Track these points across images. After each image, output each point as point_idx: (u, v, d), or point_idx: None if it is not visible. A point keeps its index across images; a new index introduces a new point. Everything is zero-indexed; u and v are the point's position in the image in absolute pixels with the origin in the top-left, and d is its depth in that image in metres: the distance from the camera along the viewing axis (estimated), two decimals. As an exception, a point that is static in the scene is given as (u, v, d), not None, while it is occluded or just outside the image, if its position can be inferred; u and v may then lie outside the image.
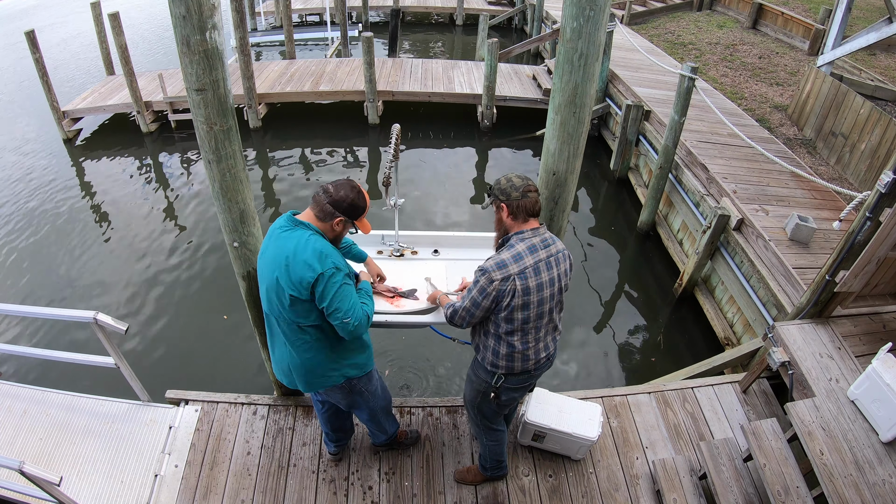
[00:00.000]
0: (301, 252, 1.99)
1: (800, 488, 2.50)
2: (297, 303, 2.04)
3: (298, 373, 2.26)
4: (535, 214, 2.13)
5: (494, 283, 2.05)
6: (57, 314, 2.77)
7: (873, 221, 2.88)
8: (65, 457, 2.85)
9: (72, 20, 15.64)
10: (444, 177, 7.81)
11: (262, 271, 2.13)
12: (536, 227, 2.13)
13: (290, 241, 2.02)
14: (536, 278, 2.08)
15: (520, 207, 2.09)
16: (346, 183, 2.11)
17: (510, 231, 2.15)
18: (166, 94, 8.28)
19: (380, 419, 2.70)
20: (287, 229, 2.06)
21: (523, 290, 2.06)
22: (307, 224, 2.07)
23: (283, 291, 2.03)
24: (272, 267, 2.05)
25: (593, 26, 1.94)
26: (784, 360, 3.11)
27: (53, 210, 7.00)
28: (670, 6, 13.30)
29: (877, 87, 7.65)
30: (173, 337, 5.01)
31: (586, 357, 4.87)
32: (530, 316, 2.12)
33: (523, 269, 2.06)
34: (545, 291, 2.11)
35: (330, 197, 2.05)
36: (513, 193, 2.09)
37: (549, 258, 2.12)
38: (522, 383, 2.34)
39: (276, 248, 2.05)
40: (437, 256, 3.13)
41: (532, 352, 2.23)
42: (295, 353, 2.19)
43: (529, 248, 2.09)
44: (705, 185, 5.51)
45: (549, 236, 2.16)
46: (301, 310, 2.06)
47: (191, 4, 1.84)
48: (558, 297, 2.20)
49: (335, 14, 12.27)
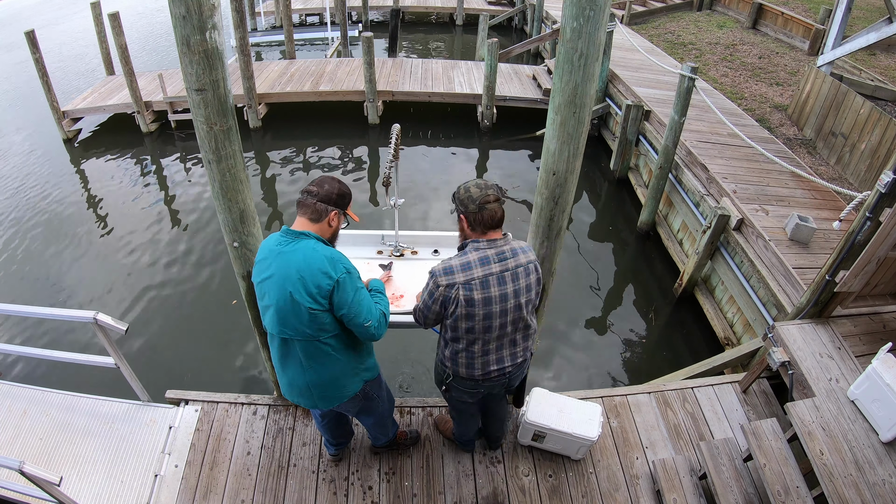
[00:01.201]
0: (313, 261, 1.95)
1: (800, 488, 2.50)
2: (315, 316, 1.99)
3: (319, 390, 2.19)
4: (494, 226, 2.07)
5: (440, 288, 2.05)
6: (57, 314, 2.77)
7: (873, 221, 2.88)
8: (65, 457, 2.85)
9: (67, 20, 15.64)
10: (444, 177, 7.81)
11: (269, 292, 2.03)
12: (494, 239, 2.07)
13: (297, 253, 1.97)
14: (483, 291, 2.03)
15: (476, 220, 2.04)
16: (323, 178, 2.10)
17: (468, 238, 2.13)
18: (166, 94, 8.28)
19: (385, 423, 2.71)
20: (289, 243, 2.00)
21: (467, 301, 2.02)
22: (306, 233, 2.02)
23: (301, 307, 1.96)
24: (282, 284, 1.97)
25: (593, 26, 1.94)
26: (784, 360, 3.11)
27: (53, 210, 7.00)
28: (670, 6, 13.30)
29: (877, 87, 7.65)
30: (173, 337, 5.01)
31: (586, 357, 4.87)
32: (475, 327, 2.08)
33: (469, 279, 2.02)
34: (494, 306, 2.05)
35: (317, 195, 2.03)
36: (470, 206, 2.03)
37: (504, 272, 2.05)
38: (470, 389, 2.31)
39: (283, 264, 1.98)
40: (437, 256, 3.13)
41: (478, 363, 2.19)
42: (315, 369, 2.13)
43: (481, 258, 2.04)
44: (705, 185, 5.51)
45: (508, 249, 2.08)
46: (321, 322, 2.01)
47: (191, 4, 1.84)
48: (516, 314, 2.11)
49: (335, 14, 12.28)
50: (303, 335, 2.04)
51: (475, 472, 2.97)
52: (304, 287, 1.94)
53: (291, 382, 2.21)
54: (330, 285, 1.95)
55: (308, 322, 2.00)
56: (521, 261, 2.09)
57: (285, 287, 1.96)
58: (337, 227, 2.12)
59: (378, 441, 2.89)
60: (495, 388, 2.35)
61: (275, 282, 2.00)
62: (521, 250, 2.11)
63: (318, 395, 2.21)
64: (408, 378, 4.51)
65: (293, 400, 2.29)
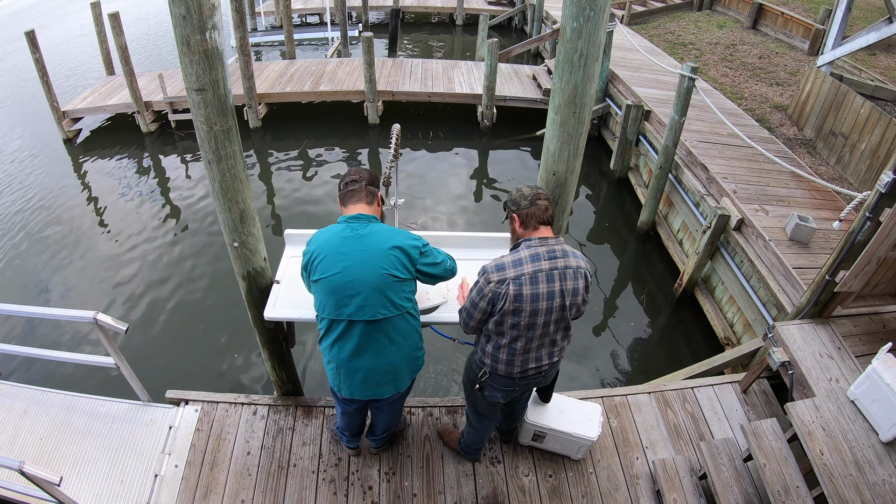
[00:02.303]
0: (398, 237, 2.12)
1: (800, 488, 2.50)
2: (406, 286, 2.14)
3: (407, 364, 2.28)
4: (545, 222, 2.11)
5: (491, 284, 2.06)
6: (57, 314, 2.77)
7: (873, 221, 2.88)
8: (65, 457, 2.85)
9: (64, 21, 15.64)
10: (445, 177, 7.81)
11: (355, 278, 2.06)
12: (545, 237, 2.10)
13: (380, 233, 2.11)
14: (532, 287, 2.04)
15: (529, 216, 2.10)
16: (355, 168, 2.27)
17: (520, 238, 2.16)
18: (166, 94, 8.28)
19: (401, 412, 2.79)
20: (361, 227, 2.12)
21: (515, 296, 2.03)
22: (373, 217, 2.17)
23: (396, 281, 2.09)
24: (371, 265, 2.06)
25: (593, 26, 1.94)
26: (784, 360, 3.11)
27: (53, 210, 7.00)
28: (670, 6, 13.30)
29: (877, 87, 7.65)
30: (173, 337, 5.01)
31: (586, 357, 4.87)
32: (520, 324, 2.09)
33: (520, 274, 2.03)
34: (541, 303, 2.06)
35: (365, 180, 2.19)
36: (522, 202, 2.11)
37: (553, 270, 2.06)
38: (505, 387, 2.32)
39: (368, 247, 2.08)
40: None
41: (518, 360, 2.20)
42: (402, 344, 2.21)
43: (532, 255, 2.06)
44: (705, 185, 5.51)
45: (559, 249, 2.10)
46: (408, 293, 2.17)
47: (191, 4, 1.84)
48: (559, 314, 2.12)
49: (335, 14, 12.27)
50: (396, 309, 2.14)
51: (475, 472, 2.97)
52: (400, 260, 2.09)
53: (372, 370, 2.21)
54: (418, 254, 2.13)
55: (402, 294, 2.14)
56: (572, 263, 2.11)
57: (381, 264, 2.07)
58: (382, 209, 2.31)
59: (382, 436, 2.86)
60: (529, 386, 2.40)
61: (361, 265, 2.07)
62: (572, 254, 2.13)
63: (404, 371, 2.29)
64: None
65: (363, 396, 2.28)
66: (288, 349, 3.13)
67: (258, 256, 2.65)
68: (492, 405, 2.48)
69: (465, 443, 2.91)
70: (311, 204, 7.06)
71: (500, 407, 2.55)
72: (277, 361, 3.13)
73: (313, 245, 2.16)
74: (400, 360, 2.25)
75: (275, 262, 2.84)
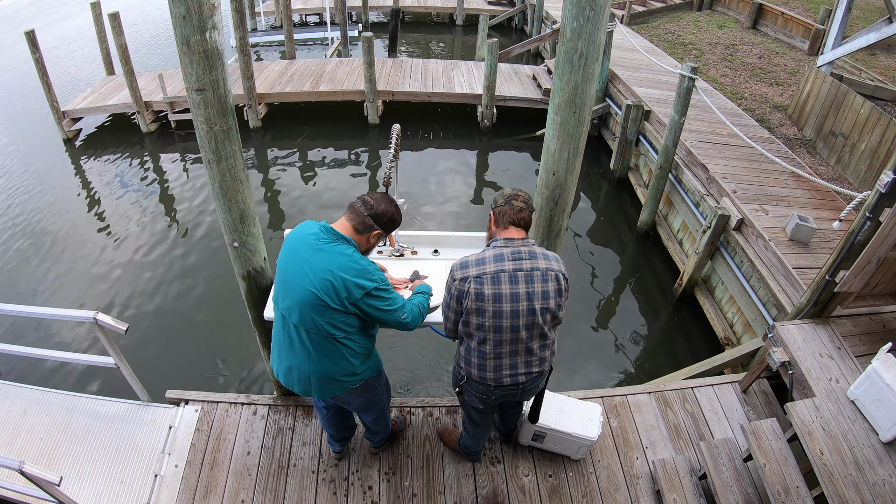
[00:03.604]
0: (348, 268, 1.99)
1: (800, 488, 2.50)
2: (337, 317, 2.03)
3: (320, 381, 2.21)
4: (516, 223, 2.09)
5: (455, 281, 2.08)
6: (57, 314, 2.77)
7: (873, 221, 2.87)
8: (65, 457, 2.85)
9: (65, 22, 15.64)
10: (444, 177, 7.81)
11: (291, 281, 2.06)
12: (512, 238, 2.08)
13: (334, 255, 2.00)
14: (494, 287, 2.02)
15: (501, 213, 2.10)
16: (385, 196, 2.12)
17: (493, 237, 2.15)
18: (166, 94, 8.28)
19: (386, 415, 2.72)
20: (328, 241, 2.03)
21: (476, 295, 2.03)
22: (348, 238, 2.05)
23: (325, 306, 2.00)
24: (308, 280, 2.00)
25: (593, 26, 1.94)
26: (784, 360, 3.11)
27: (53, 210, 7.00)
28: (670, 6, 13.30)
29: (877, 87, 7.65)
30: (174, 337, 5.01)
31: (586, 357, 4.87)
32: (485, 325, 2.07)
33: (481, 273, 2.03)
34: (504, 304, 2.03)
35: (371, 209, 2.06)
36: (499, 200, 2.12)
37: (518, 272, 2.04)
38: (481, 394, 2.28)
39: (315, 261, 2.00)
40: (437, 256, 3.13)
41: (491, 365, 2.15)
42: (322, 362, 2.15)
43: (496, 255, 2.06)
44: (705, 185, 5.51)
45: (526, 251, 2.06)
46: (340, 323, 2.06)
47: (191, 4, 1.84)
48: (529, 319, 2.06)
49: (335, 14, 12.27)
50: (321, 330, 2.07)
51: (475, 472, 2.97)
52: (335, 290, 1.98)
53: (292, 367, 2.23)
54: (360, 294, 2.00)
55: (328, 321, 2.04)
56: (540, 265, 2.06)
57: (315, 283, 1.99)
58: (373, 246, 2.17)
59: (375, 439, 2.89)
60: (507, 397, 2.31)
61: (305, 275, 2.02)
62: (542, 256, 2.09)
63: (317, 385, 2.23)
64: (408, 378, 4.51)
65: (289, 386, 2.29)
66: (288, 349, 3.13)
67: (258, 256, 2.65)
68: (477, 410, 2.45)
69: (464, 443, 2.92)
70: (312, 204, 7.07)
71: (487, 412, 2.51)
72: (277, 361, 3.12)
73: (289, 234, 2.16)
74: (318, 375, 2.19)
75: (275, 262, 2.83)
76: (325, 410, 2.63)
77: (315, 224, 2.11)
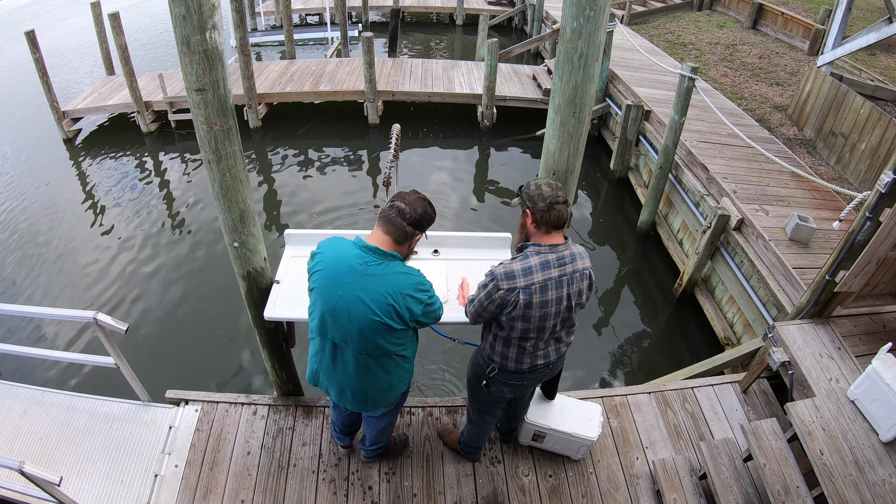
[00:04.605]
0: (406, 287, 1.97)
1: (800, 488, 2.50)
2: (400, 334, 2.04)
3: (381, 394, 2.22)
4: (559, 227, 2.07)
5: (500, 291, 2.05)
6: (57, 314, 2.77)
7: (873, 221, 2.87)
8: (65, 457, 2.85)
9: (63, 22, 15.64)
10: (445, 177, 7.81)
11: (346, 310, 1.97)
12: (556, 244, 2.07)
13: (389, 277, 1.95)
14: (542, 295, 2.05)
15: (543, 219, 2.03)
16: (417, 198, 2.04)
17: (531, 238, 2.12)
18: (166, 94, 8.27)
19: (391, 427, 2.71)
20: (377, 263, 1.95)
21: (525, 304, 2.04)
22: (393, 254, 1.99)
23: (389, 329, 1.98)
24: (368, 308, 1.94)
25: (593, 26, 1.94)
26: (784, 360, 3.11)
27: (53, 210, 7.00)
28: (670, 6, 13.30)
29: (877, 87, 7.65)
30: (174, 337, 5.01)
31: (586, 357, 4.87)
32: (530, 328, 2.12)
33: (530, 284, 2.03)
34: (549, 308, 2.09)
35: (409, 217, 1.97)
36: (539, 203, 2.01)
37: (562, 277, 2.07)
38: (514, 381, 2.35)
39: (371, 287, 1.94)
40: (437, 256, 3.13)
41: (527, 357, 2.24)
42: (380, 377, 2.15)
43: (542, 263, 2.05)
44: (705, 185, 5.51)
45: (568, 254, 2.09)
46: (400, 338, 2.07)
47: (191, 4, 1.84)
48: (565, 314, 2.15)
49: (335, 14, 12.27)
50: (383, 351, 2.07)
51: (475, 472, 2.97)
52: (397, 312, 1.97)
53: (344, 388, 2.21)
54: (420, 309, 2.01)
55: (391, 341, 2.05)
56: (579, 266, 2.11)
57: (377, 310, 1.95)
58: (413, 248, 2.12)
59: (373, 448, 2.84)
60: (537, 379, 2.42)
61: (363, 303, 1.95)
62: (579, 255, 2.13)
63: (360, 400, 2.23)
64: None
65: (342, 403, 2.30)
66: (288, 349, 3.13)
67: (258, 256, 2.65)
68: (497, 400, 2.51)
69: (466, 442, 2.92)
70: (312, 204, 7.07)
71: (503, 403, 2.57)
72: (277, 361, 3.13)
73: (321, 255, 2.05)
74: (374, 390, 2.20)
75: (275, 262, 2.84)
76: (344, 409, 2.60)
77: (349, 243, 2.02)
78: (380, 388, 2.20)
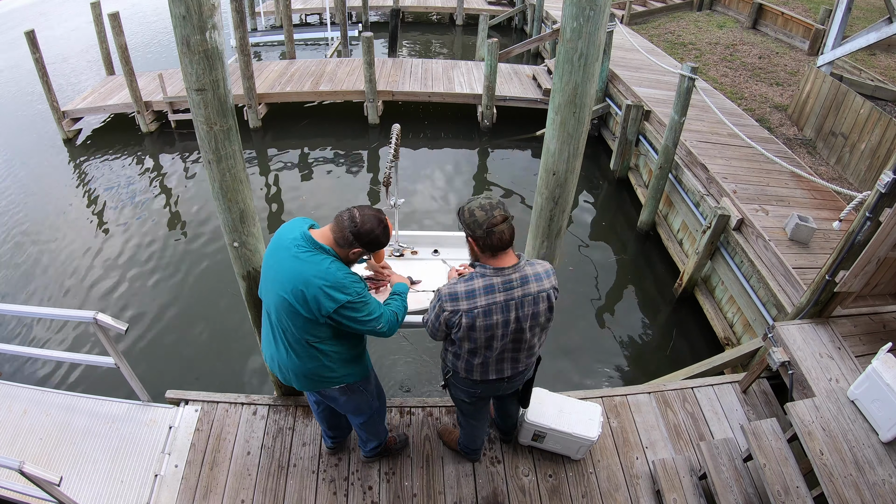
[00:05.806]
0: (321, 279, 1.95)
1: (800, 488, 2.50)
2: (310, 323, 2.04)
3: (296, 377, 2.25)
4: (503, 248, 1.99)
5: (445, 312, 2.06)
6: (57, 314, 2.78)
7: (873, 221, 2.88)
8: (65, 457, 2.85)
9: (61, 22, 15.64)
10: (444, 177, 7.81)
11: (269, 283, 2.10)
12: (502, 267, 2.00)
13: (309, 265, 1.97)
14: (486, 319, 2.02)
15: (486, 245, 1.97)
16: (374, 216, 2.03)
17: (479, 259, 2.08)
18: (166, 94, 8.28)
19: (376, 422, 2.69)
20: (306, 251, 1.99)
21: (468, 327, 2.03)
22: (327, 249, 2.00)
23: (296, 312, 2.02)
24: (282, 286, 2.01)
25: (593, 26, 1.94)
26: (784, 360, 3.11)
27: (53, 210, 7.00)
28: (670, 6, 13.30)
29: (877, 87, 7.65)
30: (173, 337, 5.01)
31: (586, 357, 4.87)
32: (476, 347, 2.12)
33: (472, 307, 2.01)
34: (496, 331, 2.06)
35: (355, 226, 1.98)
36: (477, 231, 1.95)
37: (509, 301, 2.02)
38: (467, 387, 2.35)
39: (291, 269, 1.99)
40: (437, 256, 3.14)
41: (478, 368, 2.23)
42: (299, 359, 2.17)
43: (487, 287, 2.00)
44: (705, 185, 5.51)
45: (517, 277, 2.01)
46: (313, 328, 2.06)
47: (191, 4, 1.84)
48: (517, 335, 2.11)
49: (335, 14, 12.27)
50: (293, 334, 2.10)
51: (475, 472, 2.97)
52: (305, 300, 1.98)
53: (274, 358, 2.29)
54: (332, 307, 1.98)
55: (301, 326, 2.06)
56: (532, 290, 2.04)
57: (288, 291, 2.00)
58: (353, 261, 2.12)
59: (367, 446, 2.85)
60: (491, 391, 2.40)
61: (276, 279, 2.05)
62: (533, 278, 2.04)
63: (293, 379, 2.27)
64: (409, 378, 4.51)
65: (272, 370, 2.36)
66: (288, 349, 3.13)
67: (258, 256, 2.65)
68: (465, 404, 2.52)
69: (464, 443, 2.92)
70: (312, 203, 7.07)
71: (480, 406, 2.56)
72: (277, 361, 3.12)
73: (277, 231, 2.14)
74: (294, 371, 2.22)
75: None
76: (316, 405, 2.66)
77: (299, 227, 2.07)
78: (301, 371, 2.21)
